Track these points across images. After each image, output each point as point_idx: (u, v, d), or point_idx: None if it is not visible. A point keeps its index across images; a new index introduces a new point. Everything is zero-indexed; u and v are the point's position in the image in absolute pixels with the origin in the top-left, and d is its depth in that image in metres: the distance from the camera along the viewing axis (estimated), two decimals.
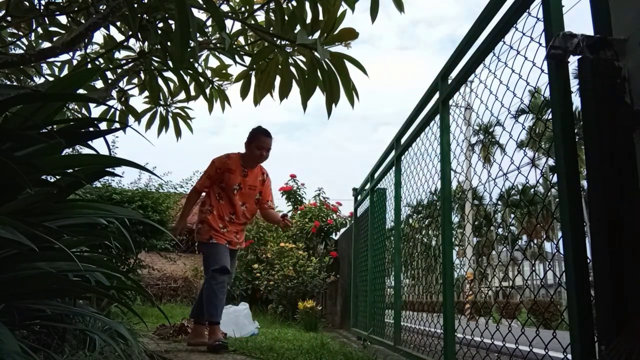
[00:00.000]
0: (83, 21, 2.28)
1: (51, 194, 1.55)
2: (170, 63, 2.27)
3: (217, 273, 3.16)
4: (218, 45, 2.56)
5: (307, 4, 2.19)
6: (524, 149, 2.24)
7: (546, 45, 1.37)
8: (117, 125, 2.88)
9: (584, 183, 1.27)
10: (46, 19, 2.45)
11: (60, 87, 1.57)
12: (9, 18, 2.17)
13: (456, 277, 2.40)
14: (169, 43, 2.12)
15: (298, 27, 2.19)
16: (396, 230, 3.51)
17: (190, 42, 1.66)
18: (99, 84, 2.64)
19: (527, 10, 1.58)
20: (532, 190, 1.73)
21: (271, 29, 2.43)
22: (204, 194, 3.51)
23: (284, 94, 2.50)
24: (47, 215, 1.47)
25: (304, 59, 2.38)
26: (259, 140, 3.38)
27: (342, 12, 2.18)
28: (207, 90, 2.89)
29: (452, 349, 2.14)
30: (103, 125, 2.91)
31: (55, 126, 1.63)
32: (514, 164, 1.82)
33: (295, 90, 2.50)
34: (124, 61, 2.67)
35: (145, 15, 2.01)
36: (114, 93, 2.87)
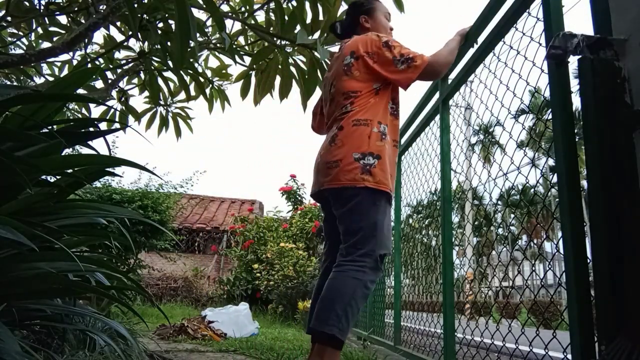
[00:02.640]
0: (83, 21, 2.29)
1: (51, 194, 1.55)
2: (170, 63, 2.27)
3: (381, 263, 1.71)
4: (218, 45, 2.56)
5: (307, 4, 2.19)
6: (524, 149, 2.24)
7: (546, 45, 1.37)
8: (117, 125, 2.89)
9: (584, 183, 1.27)
10: (46, 19, 2.45)
11: (60, 87, 1.57)
12: (9, 18, 2.17)
13: (456, 277, 2.40)
14: (169, 43, 2.13)
15: (298, 27, 2.19)
16: (396, 230, 3.51)
17: (190, 42, 1.66)
18: (99, 84, 2.64)
19: (527, 10, 1.59)
20: (532, 190, 1.73)
21: (271, 29, 2.43)
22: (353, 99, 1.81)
23: (284, 94, 2.51)
24: (47, 215, 1.47)
25: (304, 59, 2.39)
26: (383, 5, 2.09)
27: (342, 12, 2.18)
28: (207, 90, 2.90)
29: (452, 349, 2.14)
30: (103, 125, 2.91)
31: (55, 126, 1.63)
32: (514, 164, 1.82)
33: (295, 90, 2.51)
34: (124, 61, 2.68)
35: (145, 15, 2.01)
36: (114, 93, 2.87)
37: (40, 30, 2.59)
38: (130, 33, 2.31)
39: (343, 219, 1.76)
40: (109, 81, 2.60)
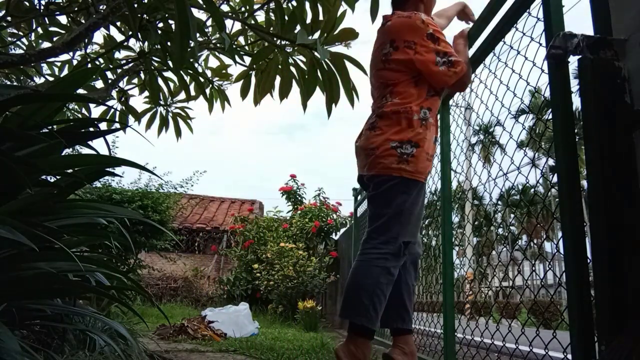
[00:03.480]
0: (83, 21, 2.28)
1: (51, 194, 1.55)
2: (170, 63, 2.27)
3: (405, 249, 1.70)
4: (218, 45, 2.56)
5: (307, 4, 2.19)
6: (524, 149, 2.24)
7: (546, 45, 1.37)
8: (117, 125, 2.88)
9: (584, 183, 1.27)
10: (46, 19, 2.45)
11: (60, 87, 1.57)
12: (9, 18, 2.17)
13: (456, 277, 2.40)
14: (169, 43, 2.12)
15: (298, 27, 2.19)
16: None
17: (190, 42, 1.66)
18: (99, 84, 2.64)
19: (527, 10, 1.59)
20: (532, 190, 1.73)
21: (271, 29, 2.43)
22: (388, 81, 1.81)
23: (284, 94, 2.50)
24: (47, 215, 1.47)
25: (304, 59, 2.38)
26: None
27: (342, 12, 2.18)
28: (207, 90, 2.89)
29: (452, 349, 2.14)
30: (103, 125, 2.91)
31: (55, 126, 1.63)
32: (514, 164, 1.83)
33: (295, 90, 2.51)
34: (124, 61, 2.67)
35: (145, 15, 2.01)
36: (114, 93, 2.87)
37: (40, 30, 2.59)
38: (130, 33, 2.30)
39: (371, 201, 1.79)
40: (109, 81, 2.59)
